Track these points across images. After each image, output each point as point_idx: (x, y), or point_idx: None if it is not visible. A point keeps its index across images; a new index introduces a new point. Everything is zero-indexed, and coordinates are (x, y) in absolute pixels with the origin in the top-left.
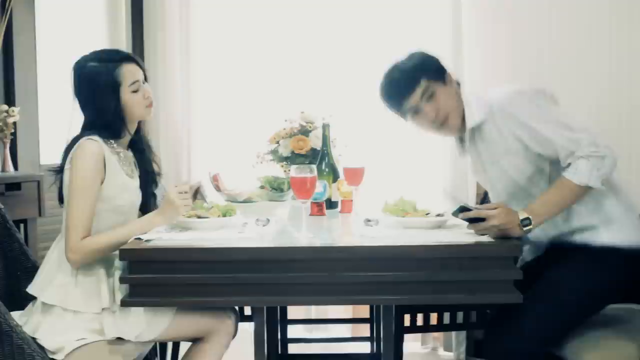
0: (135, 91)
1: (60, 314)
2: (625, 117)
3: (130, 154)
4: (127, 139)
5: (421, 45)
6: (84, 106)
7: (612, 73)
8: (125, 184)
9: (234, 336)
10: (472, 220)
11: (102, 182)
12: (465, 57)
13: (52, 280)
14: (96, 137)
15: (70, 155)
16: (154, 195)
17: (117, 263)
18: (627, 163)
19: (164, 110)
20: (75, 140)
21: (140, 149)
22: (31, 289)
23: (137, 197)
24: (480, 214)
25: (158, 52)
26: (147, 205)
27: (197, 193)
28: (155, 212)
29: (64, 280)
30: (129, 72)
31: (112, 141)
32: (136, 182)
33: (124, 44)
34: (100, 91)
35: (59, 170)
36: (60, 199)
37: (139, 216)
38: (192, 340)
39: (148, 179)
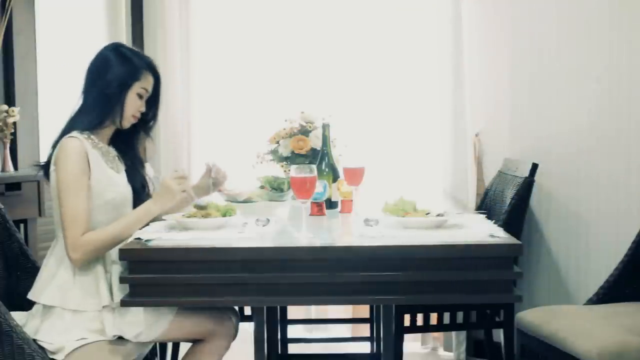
0: (139, 97)
1: (60, 314)
2: (625, 117)
3: (112, 149)
4: (108, 134)
5: (421, 46)
6: (91, 83)
7: (612, 73)
8: (111, 177)
9: (234, 338)
10: None
11: (89, 178)
12: (465, 57)
13: (50, 281)
14: (76, 134)
15: (53, 157)
16: (144, 188)
17: (115, 257)
18: (627, 163)
19: (165, 111)
20: (60, 136)
21: (124, 145)
22: (30, 295)
23: (127, 191)
24: None
25: (158, 50)
26: (140, 199)
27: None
28: (152, 200)
29: (62, 279)
30: (147, 80)
31: (93, 137)
32: (123, 176)
33: (124, 42)
34: (118, 74)
35: (44, 166)
36: None
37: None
38: (192, 341)
39: (135, 173)
